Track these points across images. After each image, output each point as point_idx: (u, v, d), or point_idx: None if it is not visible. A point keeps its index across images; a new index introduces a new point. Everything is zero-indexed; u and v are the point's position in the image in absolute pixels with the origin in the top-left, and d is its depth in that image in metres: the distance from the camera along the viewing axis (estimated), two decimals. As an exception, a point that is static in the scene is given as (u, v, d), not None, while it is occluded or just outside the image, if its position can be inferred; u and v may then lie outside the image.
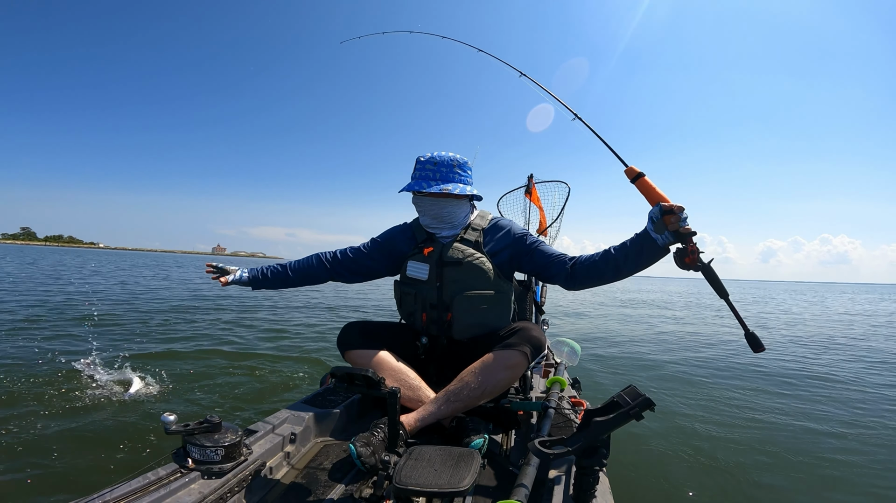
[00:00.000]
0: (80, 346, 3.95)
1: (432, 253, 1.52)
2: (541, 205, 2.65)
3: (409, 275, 1.56)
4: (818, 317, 10.60)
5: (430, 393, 1.40)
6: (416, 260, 1.55)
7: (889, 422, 2.91)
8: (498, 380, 1.32)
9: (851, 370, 4.57)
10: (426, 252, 1.53)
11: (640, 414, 0.90)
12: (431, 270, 1.51)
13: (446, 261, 1.50)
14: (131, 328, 5.15)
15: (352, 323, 1.58)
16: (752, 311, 12.11)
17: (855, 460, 2.31)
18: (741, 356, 5.08)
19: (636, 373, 4.23)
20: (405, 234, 1.65)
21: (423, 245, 1.56)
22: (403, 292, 1.60)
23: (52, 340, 4.23)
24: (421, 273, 1.53)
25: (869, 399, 3.48)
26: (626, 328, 7.42)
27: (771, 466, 2.23)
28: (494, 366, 1.33)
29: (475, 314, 1.50)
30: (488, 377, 1.31)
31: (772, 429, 2.73)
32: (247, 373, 3.50)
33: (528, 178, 2.67)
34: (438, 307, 1.52)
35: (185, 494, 0.93)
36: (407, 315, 1.64)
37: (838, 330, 8.40)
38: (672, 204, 1.15)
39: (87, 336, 4.33)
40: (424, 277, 1.52)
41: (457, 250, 1.50)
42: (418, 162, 1.52)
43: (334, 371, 1.27)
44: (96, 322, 5.35)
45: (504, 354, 1.34)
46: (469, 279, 1.49)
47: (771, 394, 3.51)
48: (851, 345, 6.43)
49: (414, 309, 1.58)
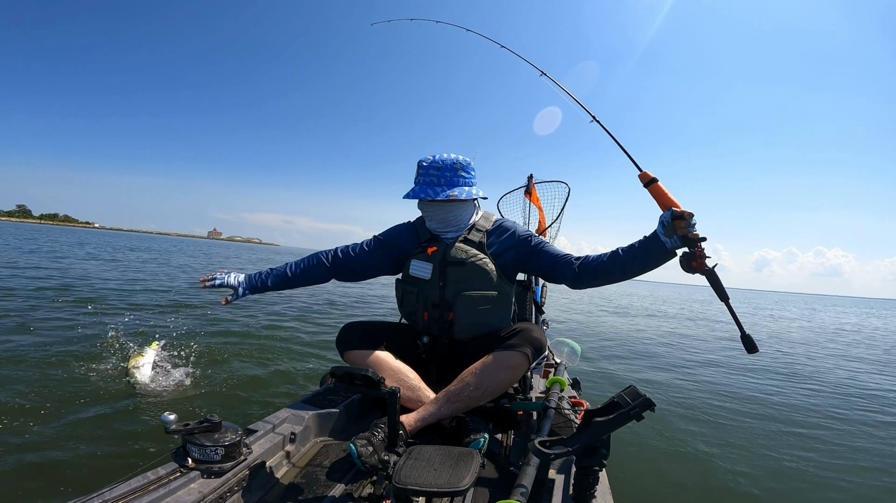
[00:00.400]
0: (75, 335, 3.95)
1: (436, 252, 1.52)
2: (540, 205, 2.65)
3: (412, 274, 1.56)
4: (805, 327, 10.62)
5: (429, 393, 1.41)
6: (419, 259, 1.55)
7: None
8: (499, 380, 1.32)
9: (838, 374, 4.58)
10: (430, 251, 1.53)
11: (640, 414, 0.90)
12: (434, 270, 1.51)
13: (449, 261, 1.50)
14: (119, 318, 5.14)
15: (350, 323, 1.58)
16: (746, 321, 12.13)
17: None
18: (741, 355, 5.09)
19: (637, 372, 4.23)
20: (409, 233, 1.65)
21: (427, 244, 1.56)
22: (405, 291, 1.60)
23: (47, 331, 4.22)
24: (424, 272, 1.53)
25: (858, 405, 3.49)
26: (626, 327, 7.42)
27: (770, 465, 2.23)
28: (495, 366, 1.33)
29: (477, 314, 1.51)
30: (489, 377, 1.32)
31: (772, 428, 2.73)
32: (247, 372, 3.50)
33: (528, 178, 2.67)
34: (440, 306, 1.52)
35: (184, 494, 0.93)
36: (408, 314, 1.64)
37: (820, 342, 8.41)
38: (683, 209, 1.19)
39: (77, 326, 4.33)
40: (427, 276, 1.52)
41: (460, 250, 1.50)
42: (420, 167, 1.50)
43: (334, 371, 1.27)
44: (91, 310, 5.34)
45: (505, 355, 1.34)
46: (472, 279, 1.49)
47: (771, 394, 3.52)
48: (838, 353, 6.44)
49: (415, 308, 1.57)
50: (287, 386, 3.25)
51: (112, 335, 3.79)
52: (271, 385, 3.24)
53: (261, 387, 3.16)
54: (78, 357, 3.34)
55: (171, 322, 5.30)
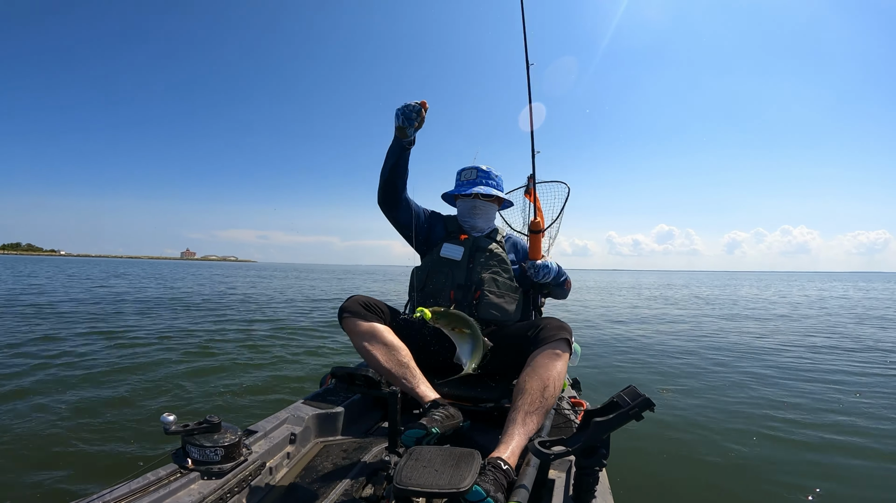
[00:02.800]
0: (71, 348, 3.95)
1: (467, 240, 1.74)
2: (539, 205, 2.65)
3: (443, 255, 1.71)
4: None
5: (416, 372, 1.41)
6: (451, 242, 1.73)
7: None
8: (557, 371, 1.31)
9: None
10: (462, 237, 1.75)
11: (639, 414, 0.90)
12: (465, 253, 1.70)
13: (479, 247, 1.72)
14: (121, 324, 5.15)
15: (357, 295, 1.58)
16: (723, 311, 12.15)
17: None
18: (741, 353, 5.09)
19: (636, 373, 4.23)
20: (441, 222, 1.85)
21: (460, 232, 1.78)
22: (432, 271, 1.70)
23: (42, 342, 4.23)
24: (455, 254, 1.70)
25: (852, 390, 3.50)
26: (627, 327, 7.43)
27: (771, 465, 2.24)
28: (545, 360, 1.31)
29: (500, 296, 1.65)
30: (546, 373, 1.29)
31: (772, 427, 2.73)
32: (247, 372, 3.50)
33: (528, 178, 2.67)
34: (465, 287, 1.65)
35: (184, 495, 0.93)
36: (431, 294, 1.66)
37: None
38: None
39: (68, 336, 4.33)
40: (458, 258, 1.69)
41: (487, 242, 1.75)
42: (464, 171, 1.84)
43: (335, 371, 1.28)
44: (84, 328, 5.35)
45: (547, 347, 1.34)
46: (496, 266, 1.69)
47: (771, 393, 3.52)
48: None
49: (442, 286, 1.66)
50: (287, 386, 3.25)
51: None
52: (271, 385, 3.24)
53: (261, 388, 3.16)
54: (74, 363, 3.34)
55: (172, 321, 5.30)
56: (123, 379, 3.19)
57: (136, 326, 5.53)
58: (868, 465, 2.26)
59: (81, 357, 3.78)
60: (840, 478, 2.13)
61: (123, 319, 6.09)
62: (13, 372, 3.23)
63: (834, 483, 2.07)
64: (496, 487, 0.95)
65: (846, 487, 2.05)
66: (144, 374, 3.33)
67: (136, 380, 3.18)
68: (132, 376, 3.27)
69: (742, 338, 6.28)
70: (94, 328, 5.30)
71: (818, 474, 2.16)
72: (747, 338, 6.29)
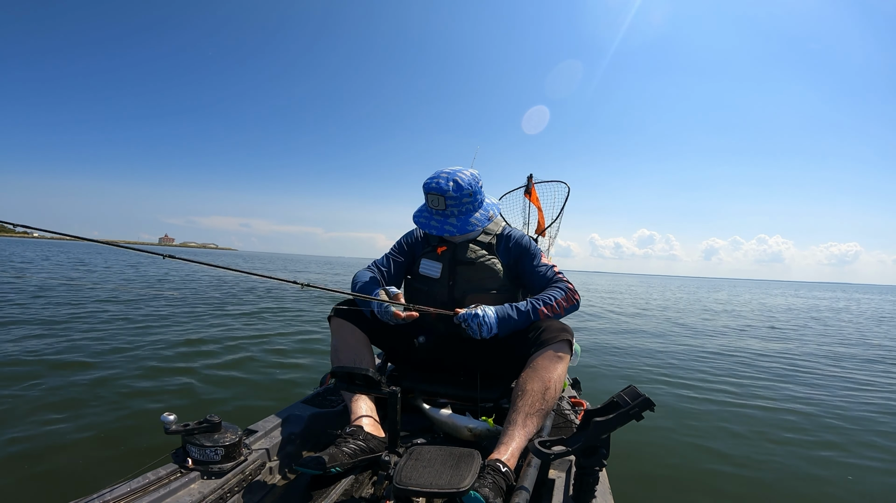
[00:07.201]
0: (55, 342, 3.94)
1: (445, 252, 1.57)
2: (540, 205, 2.65)
3: (422, 273, 1.59)
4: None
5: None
6: (428, 258, 1.59)
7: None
8: (558, 373, 1.29)
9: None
10: (440, 251, 1.58)
11: (639, 414, 0.90)
12: (444, 269, 1.55)
13: (459, 260, 1.55)
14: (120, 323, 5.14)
15: (351, 300, 1.54)
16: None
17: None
18: (741, 351, 5.09)
19: (637, 372, 4.23)
20: (420, 236, 1.70)
21: (437, 244, 1.60)
22: (414, 289, 1.63)
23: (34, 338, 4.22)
24: (433, 271, 1.57)
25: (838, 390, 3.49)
26: (626, 327, 7.43)
27: (770, 464, 2.23)
28: (545, 362, 1.29)
29: None
30: (546, 374, 1.28)
31: (772, 427, 2.73)
32: (247, 373, 3.50)
33: (528, 177, 2.67)
34: (448, 305, 1.52)
35: (184, 494, 0.93)
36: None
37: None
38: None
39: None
40: (437, 275, 1.56)
41: (470, 251, 1.55)
42: (429, 195, 1.49)
43: (334, 371, 1.27)
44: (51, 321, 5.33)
45: (548, 348, 1.31)
46: (480, 279, 1.54)
47: (771, 391, 3.52)
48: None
49: (426, 304, 1.55)
50: (286, 386, 3.25)
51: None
52: (271, 385, 3.24)
53: (261, 388, 3.16)
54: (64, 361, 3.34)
55: (172, 322, 5.30)
56: (124, 378, 3.18)
57: (157, 328, 5.53)
58: (868, 475, 2.26)
59: (81, 353, 3.77)
60: (839, 480, 2.13)
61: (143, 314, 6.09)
62: (13, 371, 3.23)
63: (835, 487, 2.07)
64: (495, 492, 0.94)
65: (846, 491, 2.05)
66: (145, 374, 3.32)
67: (136, 379, 3.17)
68: (132, 376, 3.26)
69: (750, 344, 6.27)
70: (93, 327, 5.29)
71: (818, 476, 2.16)
72: (757, 344, 6.28)
